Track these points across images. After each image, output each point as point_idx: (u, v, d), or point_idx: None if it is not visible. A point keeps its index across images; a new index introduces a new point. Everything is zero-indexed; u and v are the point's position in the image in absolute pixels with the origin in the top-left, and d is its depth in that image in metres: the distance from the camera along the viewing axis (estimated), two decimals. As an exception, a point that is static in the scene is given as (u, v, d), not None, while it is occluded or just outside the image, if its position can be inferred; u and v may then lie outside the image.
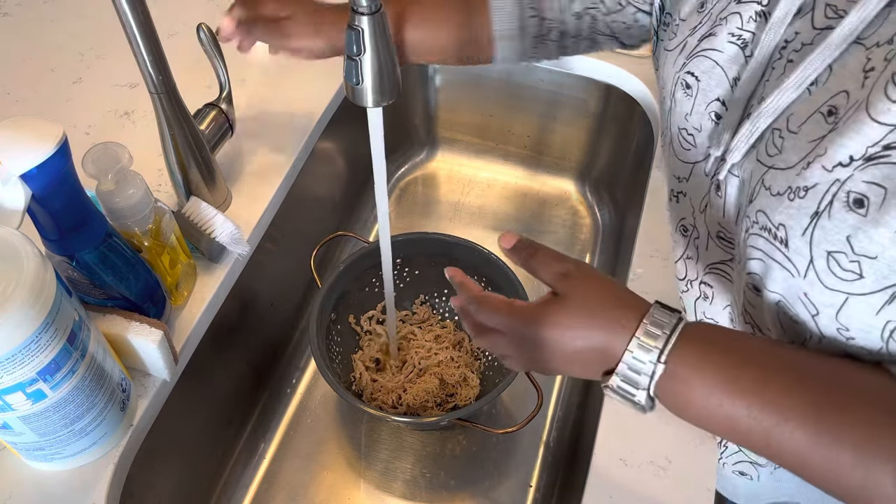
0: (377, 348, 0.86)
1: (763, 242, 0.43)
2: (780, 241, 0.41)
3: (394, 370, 0.85)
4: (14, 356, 0.48)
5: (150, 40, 0.61)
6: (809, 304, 0.41)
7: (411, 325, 0.89)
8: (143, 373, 0.66)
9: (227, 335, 0.78)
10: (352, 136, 0.99)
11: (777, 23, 0.43)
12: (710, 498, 0.59)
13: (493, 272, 0.83)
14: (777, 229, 0.41)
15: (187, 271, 0.70)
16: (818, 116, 0.39)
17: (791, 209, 0.40)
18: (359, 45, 0.50)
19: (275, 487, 0.82)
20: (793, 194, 0.40)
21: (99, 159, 0.59)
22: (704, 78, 0.49)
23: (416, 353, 0.85)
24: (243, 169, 0.83)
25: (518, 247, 0.48)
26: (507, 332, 0.46)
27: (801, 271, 0.40)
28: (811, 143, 0.39)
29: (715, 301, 0.56)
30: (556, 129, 1.09)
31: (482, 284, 0.86)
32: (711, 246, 0.53)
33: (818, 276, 0.39)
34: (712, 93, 0.48)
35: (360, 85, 0.52)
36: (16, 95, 0.92)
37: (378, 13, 0.49)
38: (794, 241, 0.40)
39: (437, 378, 0.83)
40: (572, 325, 0.42)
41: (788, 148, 0.41)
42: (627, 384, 0.42)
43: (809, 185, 0.39)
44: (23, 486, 0.60)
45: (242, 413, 0.86)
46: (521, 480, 0.82)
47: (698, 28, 0.50)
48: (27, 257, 0.48)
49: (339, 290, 0.83)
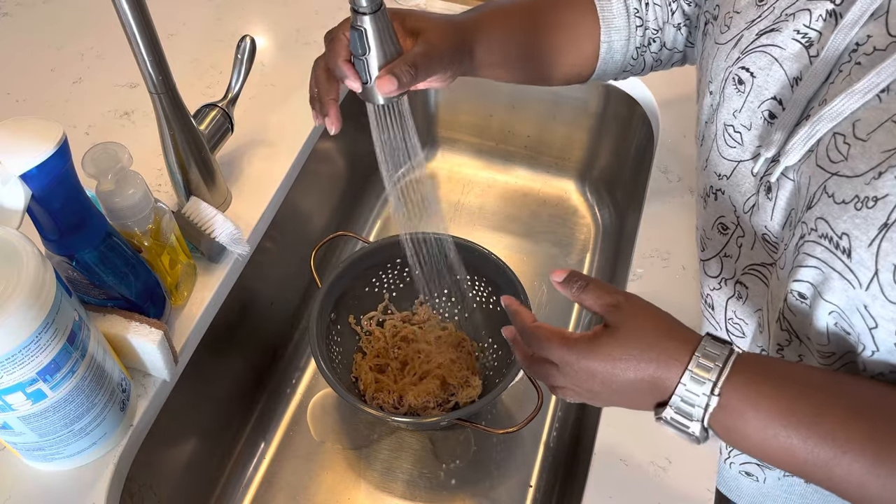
0: (378, 349, 0.86)
1: (821, 251, 0.42)
2: (842, 250, 0.40)
3: (395, 371, 0.85)
4: (14, 356, 0.48)
5: (150, 40, 0.61)
6: (868, 316, 0.40)
7: (412, 326, 0.89)
8: (143, 373, 0.66)
9: (227, 335, 0.78)
10: (352, 136, 0.98)
11: (849, 24, 0.42)
12: (710, 498, 0.59)
13: (493, 272, 0.83)
14: (840, 238, 0.40)
15: (187, 271, 0.70)
16: (890, 125, 0.38)
17: (857, 219, 0.39)
18: (363, 44, 0.50)
19: (275, 487, 0.82)
20: (860, 204, 0.39)
21: (99, 159, 0.59)
22: (761, 74, 0.47)
23: (418, 355, 0.85)
24: (243, 169, 0.83)
25: (569, 280, 0.48)
26: (559, 363, 0.45)
27: (863, 283, 0.39)
28: (884, 154, 0.38)
29: (748, 301, 0.55)
30: (556, 129, 1.09)
31: (482, 284, 0.86)
32: (757, 247, 0.52)
33: (882, 290, 0.38)
34: (768, 91, 0.47)
35: (370, 83, 0.52)
36: (16, 95, 0.92)
37: (379, 11, 0.49)
38: (859, 252, 0.39)
39: (438, 379, 0.83)
40: (624, 356, 0.43)
41: (856, 155, 0.40)
42: (681, 416, 0.42)
43: (880, 195, 0.38)
44: (23, 486, 0.60)
45: (242, 413, 0.86)
46: (521, 480, 0.82)
47: (757, 22, 0.48)
48: (27, 257, 0.48)
49: (339, 290, 0.83)
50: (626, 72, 0.66)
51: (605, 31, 0.62)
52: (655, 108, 0.92)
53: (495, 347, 0.86)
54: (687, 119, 0.90)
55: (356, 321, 0.87)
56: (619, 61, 0.64)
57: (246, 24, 1.02)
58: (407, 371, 0.85)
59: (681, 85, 0.91)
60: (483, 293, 0.87)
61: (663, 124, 0.90)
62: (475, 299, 0.88)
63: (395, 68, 0.51)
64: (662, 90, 0.93)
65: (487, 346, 0.87)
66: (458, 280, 0.84)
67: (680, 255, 0.75)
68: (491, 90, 1.08)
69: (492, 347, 0.87)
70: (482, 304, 0.87)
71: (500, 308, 0.83)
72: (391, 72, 0.51)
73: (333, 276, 0.81)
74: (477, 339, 0.88)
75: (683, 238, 0.76)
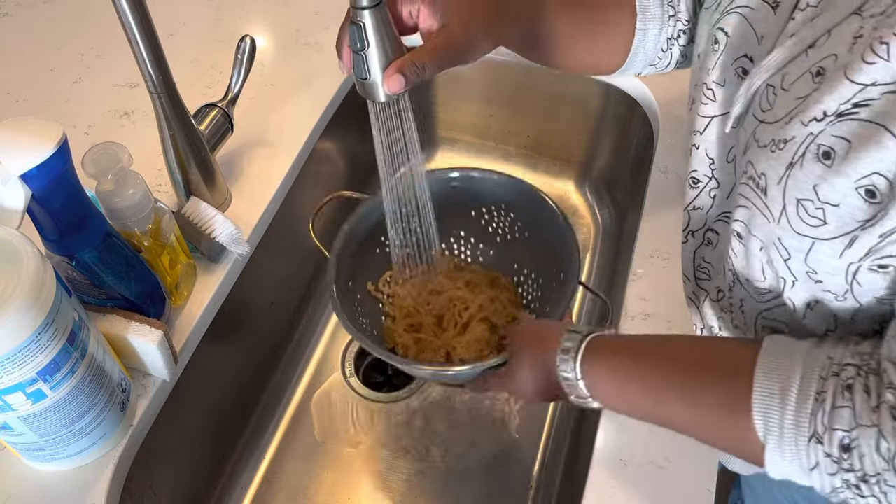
0: (407, 309, 0.77)
1: (748, 191, 0.46)
2: (760, 189, 0.44)
3: (432, 328, 0.76)
4: (14, 356, 0.48)
5: (150, 40, 0.61)
6: (782, 248, 0.44)
7: (437, 277, 0.78)
8: (142, 373, 0.66)
9: (227, 335, 0.78)
10: (352, 136, 0.99)
11: None
12: (710, 498, 0.59)
13: (508, 193, 0.74)
14: (759, 178, 0.44)
15: (187, 271, 0.70)
16: (807, 76, 0.42)
17: (771, 160, 0.43)
18: (362, 39, 0.50)
19: (275, 487, 0.82)
20: (774, 146, 0.43)
21: (99, 159, 0.59)
22: (734, 34, 0.50)
23: (453, 304, 0.76)
24: (243, 169, 0.83)
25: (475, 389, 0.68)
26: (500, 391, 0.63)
27: (775, 217, 0.43)
28: (797, 101, 0.42)
29: (717, 248, 0.58)
30: (556, 129, 1.09)
31: (500, 212, 0.77)
32: (733, 195, 0.55)
33: (789, 222, 0.42)
34: (740, 49, 0.50)
35: (369, 79, 0.52)
36: (16, 95, 0.92)
37: (379, 6, 0.49)
38: (772, 189, 0.43)
39: (484, 323, 0.74)
40: (521, 374, 0.58)
41: (778, 104, 0.44)
42: (578, 398, 0.53)
43: (788, 137, 0.42)
44: (23, 486, 0.60)
45: (242, 413, 0.86)
46: (521, 480, 0.82)
47: None
48: (27, 257, 0.48)
49: (349, 256, 0.73)
50: (652, 66, 0.66)
51: (641, 18, 0.62)
52: (655, 108, 0.92)
53: (534, 277, 0.77)
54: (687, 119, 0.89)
55: (375, 287, 0.78)
56: (650, 51, 0.64)
57: (246, 24, 1.02)
58: (446, 324, 0.76)
59: (681, 85, 0.91)
60: (504, 222, 0.78)
61: (663, 124, 0.90)
62: (497, 232, 0.79)
63: (404, 67, 0.51)
64: (662, 90, 0.93)
65: (525, 277, 0.78)
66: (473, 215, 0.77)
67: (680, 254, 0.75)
68: (491, 90, 1.08)
69: (530, 278, 0.77)
70: (505, 234, 0.78)
71: (528, 233, 0.76)
72: (400, 70, 0.50)
73: (340, 242, 0.72)
74: (510, 275, 0.79)
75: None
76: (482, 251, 0.81)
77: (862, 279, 0.41)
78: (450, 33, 0.52)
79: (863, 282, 0.41)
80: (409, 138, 0.59)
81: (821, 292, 0.44)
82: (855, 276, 0.41)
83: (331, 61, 0.70)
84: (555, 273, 0.71)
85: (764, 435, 0.41)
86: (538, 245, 0.74)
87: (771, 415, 0.41)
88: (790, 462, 0.41)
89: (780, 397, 0.41)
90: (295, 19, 1.03)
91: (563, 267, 0.69)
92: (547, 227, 0.72)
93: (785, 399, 0.41)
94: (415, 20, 0.54)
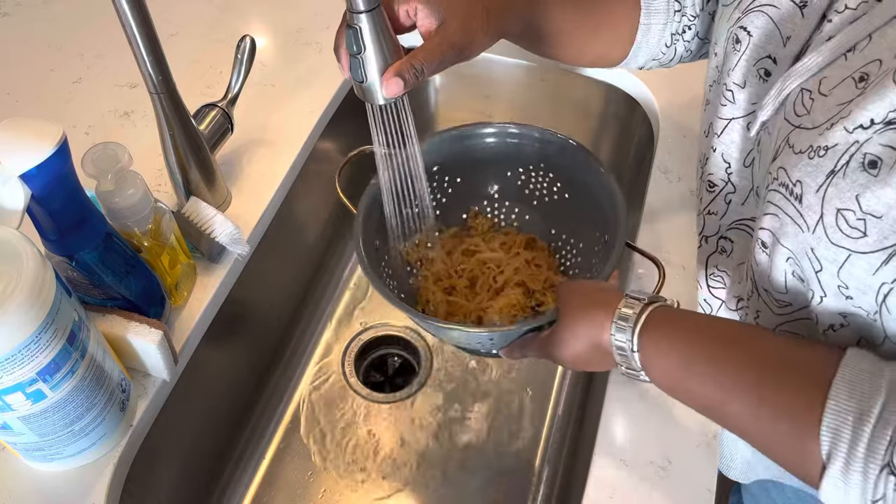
0: (438, 272, 0.74)
1: (779, 198, 0.44)
2: (795, 196, 0.42)
3: (465, 291, 0.73)
4: (14, 356, 0.48)
5: (150, 40, 0.61)
6: (815, 259, 0.42)
7: (471, 238, 0.76)
8: (142, 373, 0.66)
9: (227, 335, 0.78)
10: (352, 136, 0.98)
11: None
12: (710, 498, 0.59)
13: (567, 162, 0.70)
14: (794, 185, 0.42)
15: (187, 271, 0.70)
16: (850, 81, 0.41)
17: (809, 167, 0.41)
18: (358, 42, 0.50)
19: (275, 487, 0.82)
20: (813, 153, 0.41)
21: (99, 159, 0.59)
22: (757, 33, 0.49)
23: (487, 267, 0.73)
24: (243, 169, 0.83)
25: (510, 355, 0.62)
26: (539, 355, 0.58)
27: (810, 226, 0.42)
28: (839, 107, 0.41)
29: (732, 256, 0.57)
30: (556, 128, 1.09)
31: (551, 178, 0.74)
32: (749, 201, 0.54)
33: (826, 232, 0.41)
34: (764, 49, 0.48)
35: (366, 82, 0.52)
36: (16, 95, 0.92)
37: (376, 9, 0.49)
38: (808, 197, 0.41)
39: (520, 287, 0.72)
40: (566, 335, 0.53)
41: (817, 109, 0.42)
42: (629, 370, 0.50)
43: (830, 144, 0.40)
44: (23, 486, 0.60)
45: (242, 413, 0.86)
46: (521, 480, 0.82)
47: None
48: (27, 257, 0.48)
49: (377, 214, 0.69)
50: (655, 60, 0.65)
51: (646, 13, 0.61)
52: (655, 108, 0.92)
53: (573, 242, 0.74)
54: (687, 119, 0.90)
55: (404, 246, 0.73)
56: (654, 46, 0.63)
57: (246, 24, 1.02)
58: (480, 287, 0.73)
59: (681, 85, 0.91)
60: (542, 183, 0.74)
61: (663, 124, 0.90)
62: (534, 193, 0.76)
63: (402, 69, 0.50)
64: (662, 90, 0.93)
65: (563, 242, 0.75)
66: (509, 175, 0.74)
67: (680, 255, 0.75)
68: (491, 90, 1.08)
69: (568, 243, 0.74)
70: (542, 196, 0.75)
71: (567, 195, 0.73)
72: (398, 73, 0.50)
73: (367, 199, 0.67)
74: (547, 239, 0.77)
75: (683, 238, 0.76)
76: (517, 215, 0.78)
77: (891, 304, 0.39)
78: (448, 31, 0.52)
79: (892, 308, 0.39)
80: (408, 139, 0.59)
81: (853, 308, 0.42)
82: (885, 300, 0.39)
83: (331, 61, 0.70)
84: (597, 237, 0.68)
85: (828, 454, 0.38)
86: (580, 207, 0.71)
87: (841, 435, 0.38)
88: (853, 488, 0.37)
89: (857, 418, 0.37)
90: (295, 19, 1.03)
91: (609, 229, 0.66)
92: (591, 188, 0.69)
93: (862, 421, 0.37)
94: (412, 19, 0.54)
